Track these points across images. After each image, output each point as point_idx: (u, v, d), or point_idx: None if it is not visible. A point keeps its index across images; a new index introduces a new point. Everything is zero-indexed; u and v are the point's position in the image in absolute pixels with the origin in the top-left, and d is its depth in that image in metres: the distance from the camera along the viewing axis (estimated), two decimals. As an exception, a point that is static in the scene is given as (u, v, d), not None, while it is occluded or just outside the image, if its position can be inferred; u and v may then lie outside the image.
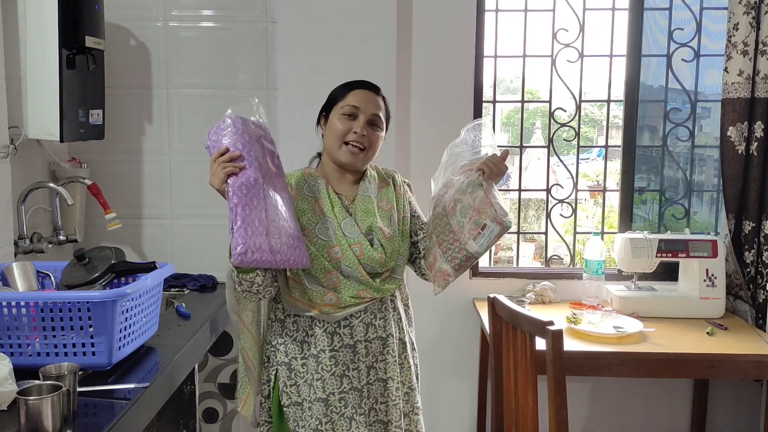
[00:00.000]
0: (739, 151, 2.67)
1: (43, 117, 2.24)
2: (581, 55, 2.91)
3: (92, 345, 1.68)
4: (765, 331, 2.57)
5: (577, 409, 2.95)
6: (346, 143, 1.80)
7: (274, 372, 1.84)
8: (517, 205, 3.16)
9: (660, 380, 2.92)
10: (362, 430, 1.78)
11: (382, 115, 1.85)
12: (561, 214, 3.03)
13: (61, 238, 2.47)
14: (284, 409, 1.81)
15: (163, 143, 2.75)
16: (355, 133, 1.79)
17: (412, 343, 1.95)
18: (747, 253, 2.71)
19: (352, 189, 1.87)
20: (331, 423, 1.78)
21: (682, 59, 2.90)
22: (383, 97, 1.88)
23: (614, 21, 2.91)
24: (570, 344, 2.31)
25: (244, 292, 1.73)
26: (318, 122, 1.90)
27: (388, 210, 1.86)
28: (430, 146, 2.80)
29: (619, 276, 2.90)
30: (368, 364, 1.81)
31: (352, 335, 1.80)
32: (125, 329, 1.75)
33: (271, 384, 1.85)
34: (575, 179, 3.00)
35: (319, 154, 1.93)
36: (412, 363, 1.92)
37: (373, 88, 1.86)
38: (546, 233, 3.05)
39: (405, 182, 1.97)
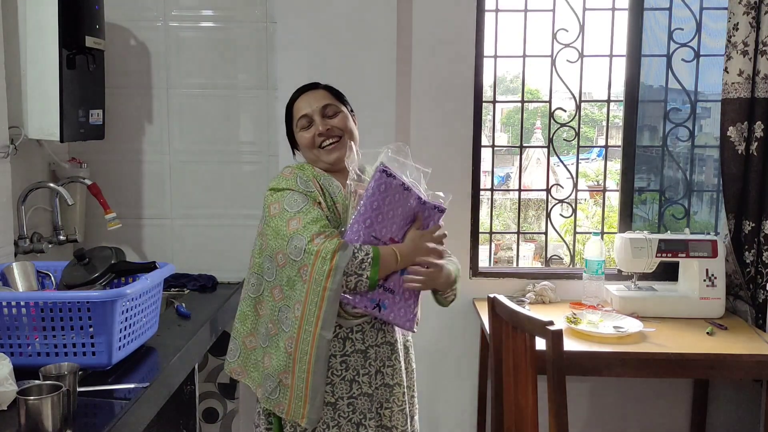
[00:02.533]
0: (739, 151, 2.67)
1: (43, 117, 2.24)
2: (581, 55, 2.91)
3: (92, 345, 1.68)
4: (765, 331, 2.56)
5: (577, 409, 2.95)
6: (321, 147, 1.80)
7: None
8: (517, 205, 3.16)
9: (660, 380, 2.92)
10: None
11: (329, 100, 1.84)
12: (561, 214, 3.02)
13: (61, 238, 2.47)
14: None
15: (163, 143, 2.75)
16: (320, 135, 1.79)
17: (410, 347, 1.95)
18: (747, 253, 2.71)
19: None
20: (338, 427, 1.76)
21: (682, 59, 2.89)
22: (328, 87, 1.88)
23: (614, 21, 2.91)
24: (570, 344, 2.30)
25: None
26: (293, 151, 1.92)
27: None
28: (430, 146, 2.80)
29: (619, 276, 2.90)
30: (377, 368, 1.80)
31: (364, 340, 1.78)
32: (125, 329, 1.75)
33: None
34: (575, 179, 3.00)
35: None
36: (413, 367, 1.93)
37: (310, 87, 1.88)
38: (546, 233, 3.05)
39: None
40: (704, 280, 2.65)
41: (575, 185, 3.00)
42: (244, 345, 1.82)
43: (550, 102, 2.95)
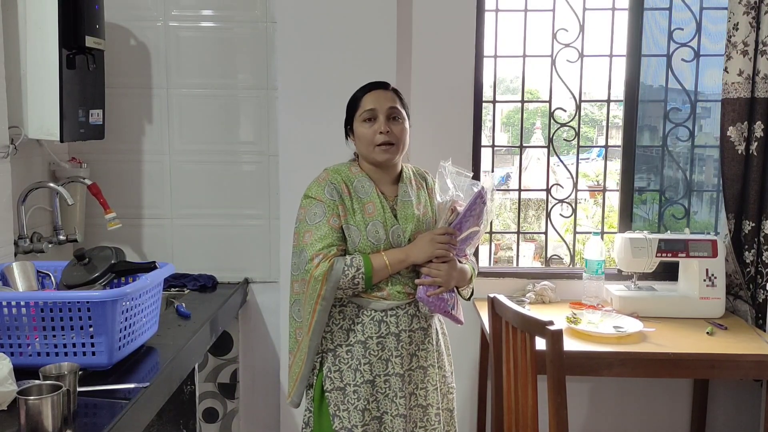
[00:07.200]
0: (739, 151, 2.67)
1: (43, 117, 2.24)
2: (581, 55, 2.91)
3: (92, 345, 1.68)
4: (765, 331, 2.57)
5: (577, 409, 2.95)
6: (377, 145, 1.91)
7: (319, 359, 1.95)
8: (517, 205, 3.16)
9: (660, 380, 2.92)
10: (402, 411, 1.91)
11: (398, 105, 1.96)
12: (561, 214, 3.02)
13: (61, 238, 2.47)
14: (326, 394, 1.91)
15: (163, 143, 2.75)
16: (381, 133, 1.91)
17: (444, 333, 2.10)
18: (747, 252, 2.71)
19: (392, 188, 1.99)
20: (377, 402, 1.91)
21: (682, 59, 2.89)
22: (395, 90, 1.99)
23: (614, 21, 2.91)
24: (570, 344, 2.31)
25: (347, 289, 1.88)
26: (346, 136, 2.02)
27: (424, 214, 1.99)
28: (429, 146, 2.80)
29: (619, 276, 2.90)
30: (411, 352, 1.94)
31: (398, 324, 1.92)
32: (125, 329, 1.75)
33: (316, 371, 1.94)
34: (575, 179, 3.00)
35: (356, 154, 2.04)
36: (444, 350, 2.08)
37: (383, 86, 1.98)
38: (546, 233, 3.05)
39: (435, 182, 2.08)
40: (704, 280, 2.65)
41: (575, 185, 3.00)
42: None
43: (550, 102, 2.95)
